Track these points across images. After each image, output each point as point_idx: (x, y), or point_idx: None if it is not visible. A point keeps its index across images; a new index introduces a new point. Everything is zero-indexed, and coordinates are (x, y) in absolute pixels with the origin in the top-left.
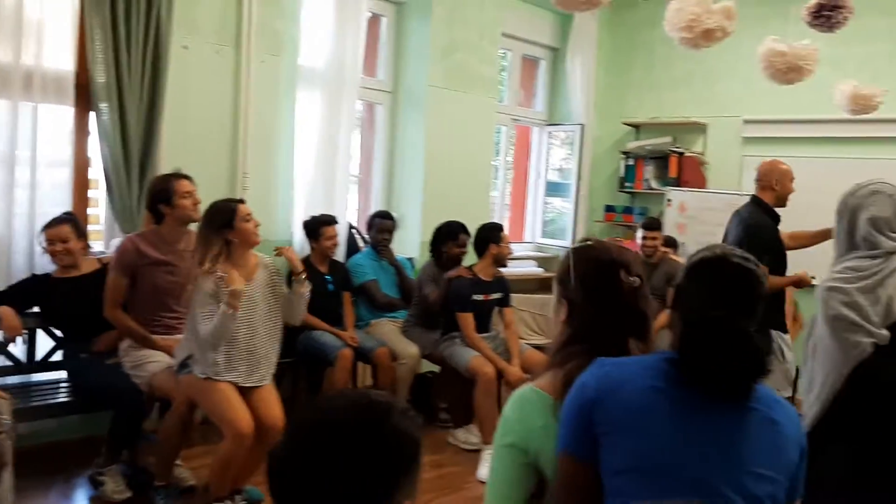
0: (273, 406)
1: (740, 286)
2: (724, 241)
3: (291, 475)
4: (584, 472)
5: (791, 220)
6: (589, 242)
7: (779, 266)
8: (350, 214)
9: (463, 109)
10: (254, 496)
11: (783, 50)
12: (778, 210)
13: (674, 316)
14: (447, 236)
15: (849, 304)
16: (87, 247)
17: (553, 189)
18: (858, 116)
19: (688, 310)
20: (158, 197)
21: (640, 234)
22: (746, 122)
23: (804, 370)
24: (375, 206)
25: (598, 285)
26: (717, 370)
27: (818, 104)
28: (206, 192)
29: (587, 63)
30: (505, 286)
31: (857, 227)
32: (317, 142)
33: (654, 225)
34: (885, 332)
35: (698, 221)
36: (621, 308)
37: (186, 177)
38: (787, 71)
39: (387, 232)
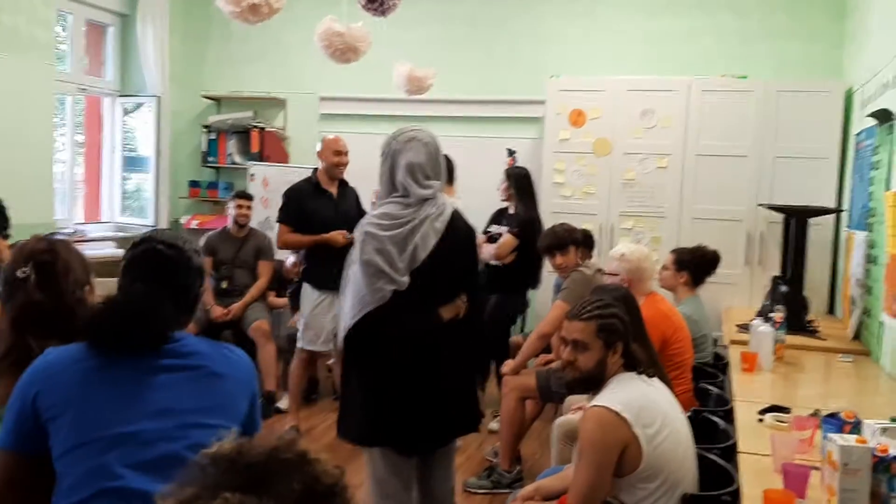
0: None
1: (152, 266)
2: None
3: None
4: (22, 466)
5: (367, 193)
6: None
7: (304, 227)
8: None
9: (13, 76)
10: None
11: (341, 30)
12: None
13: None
14: None
15: (380, 251)
16: None
17: (132, 164)
18: (414, 97)
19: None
20: None
21: (232, 203)
22: (323, 98)
23: (340, 297)
24: None
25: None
26: (120, 335)
27: (383, 84)
28: None
29: (160, 32)
30: None
31: (396, 170)
32: None
33: (245, 194)
34: (406, 278)
35: (281, 195)
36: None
37: None
38: (346, 50)
39: None
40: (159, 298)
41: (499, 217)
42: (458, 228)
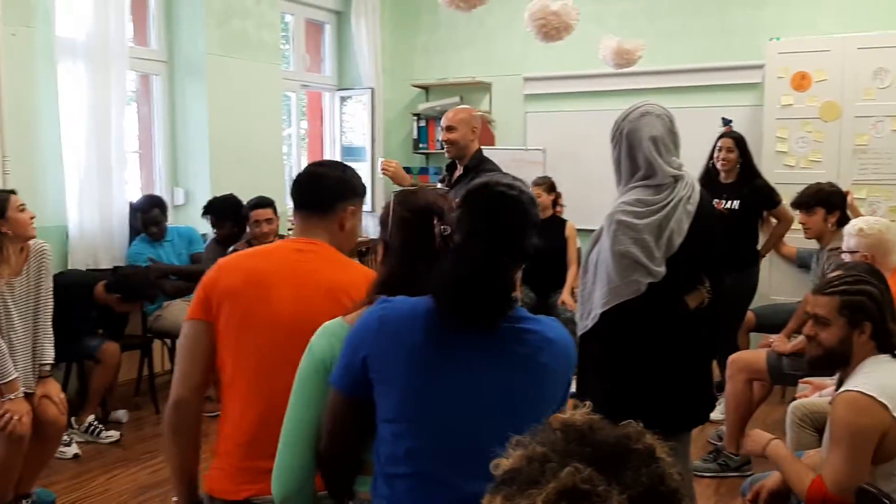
0: (50, 406)
1: (493, 215)
2: None
3: None
4: (346, 405)
5: (574, 171)
6: (413, 188)
7: None
8: (132, 192)
9: (246, 77)
10: (43, 498)
11: (555, 9)
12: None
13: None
14: (208, 212)
15: (637, 242)
16: None
17: (350, 154)
18: (622, 70)
19: (454, 239)
20: None
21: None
22: (526, 79)
23: (581, 280)
24: (159, 184)
25: (410, 230)
26: (466, 299)
27: (587, 60)
28: None
29: (372, 26)
30: None
31: (636, 149)
32: (86, 118)
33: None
34: (662, 269)
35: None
36: (431, 255)
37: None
38: (561, 28)
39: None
40: (504, 263)
41: (712, 190)
42: (705, 209)
